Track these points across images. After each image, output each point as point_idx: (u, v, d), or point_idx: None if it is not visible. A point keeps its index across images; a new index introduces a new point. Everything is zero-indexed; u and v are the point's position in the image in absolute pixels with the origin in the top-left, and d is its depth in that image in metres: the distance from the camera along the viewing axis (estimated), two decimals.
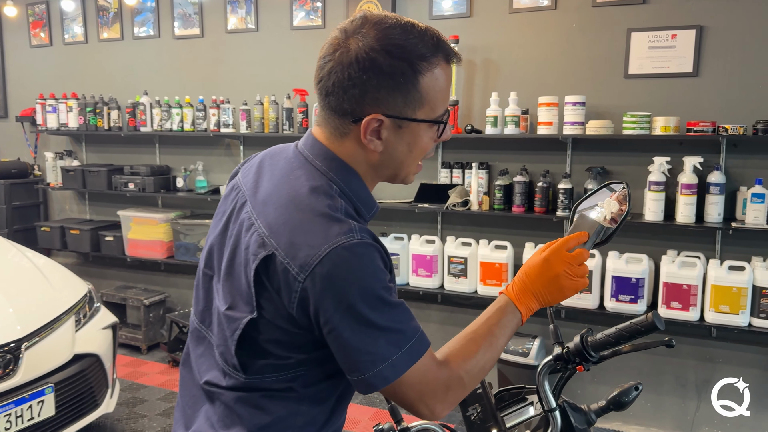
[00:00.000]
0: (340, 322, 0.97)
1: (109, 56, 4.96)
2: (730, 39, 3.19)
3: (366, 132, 1.03)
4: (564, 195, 3.41)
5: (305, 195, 1.03)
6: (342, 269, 0.96)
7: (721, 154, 3.23)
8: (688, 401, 3.45)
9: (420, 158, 1.10)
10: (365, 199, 1.09)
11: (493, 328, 1.11)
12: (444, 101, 1.06)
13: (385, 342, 0.99)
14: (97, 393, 3.12)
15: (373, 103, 1.01)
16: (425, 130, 1.06)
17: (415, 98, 1.02)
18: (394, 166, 1.09)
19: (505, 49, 3.66)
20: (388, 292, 1.00)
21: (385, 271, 1.02)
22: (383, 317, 0.98)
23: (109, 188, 4.74)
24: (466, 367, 1.07)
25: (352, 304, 0.96)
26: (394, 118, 1.03)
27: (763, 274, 3.04)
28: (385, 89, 1.00)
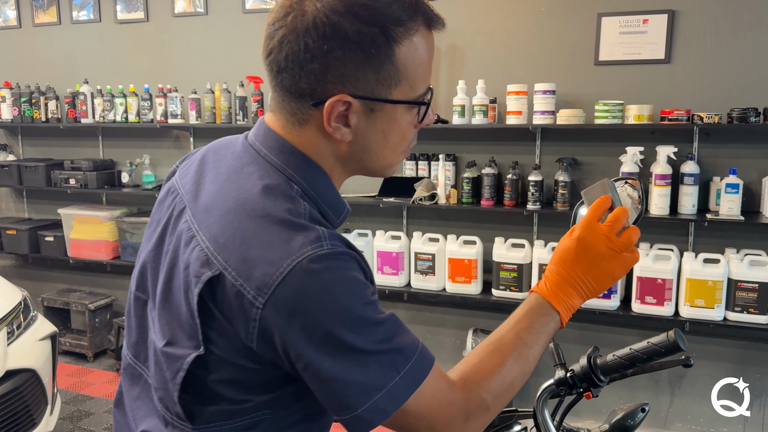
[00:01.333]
0: (316, 353, 0.77)
1: (46, 42, 4.59)
2: (702, 24, 3.09)
3: (330, 118, 0.83)
4: (534, 187, 3.27)
5: (258, 197, 0.82)
6: (312, 288, 0.77)
7: (694, 143, 3.14)
8: (661, 397, 3.37)
9: (400, 148, 0.90)
10: (333, 201, 0.89)
11: (523, 334, 0.90)
12: (425, 77, 0.86)
13: (377, 367, 0.79)
14: (34, 411, 2.84)
15: (337, 80, 0.81)
16: (403, 113, 0.86)
17: (390, 73, 0.82)
18: (367, 159, 0.89)
19: (471, 35, 3.49)
20: (372, 309, 0.81)
21: (366, 283, 0.82)
22: (371, 339, 0.79)
23: (48, 185, 4.40)
24: (489, 385, 0.86)
25: (329, 330, 0.77)
26: (364, 100, 0.82)
27: (738, 267, 2.96)
28: (352, 63, 0.80)
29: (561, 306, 0.93)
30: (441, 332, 3.79)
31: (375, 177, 0.96)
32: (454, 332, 3.75)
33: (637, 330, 3.33)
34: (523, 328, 0.91)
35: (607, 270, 0.93)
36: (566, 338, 3.48)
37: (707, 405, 3.26)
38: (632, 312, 3.13)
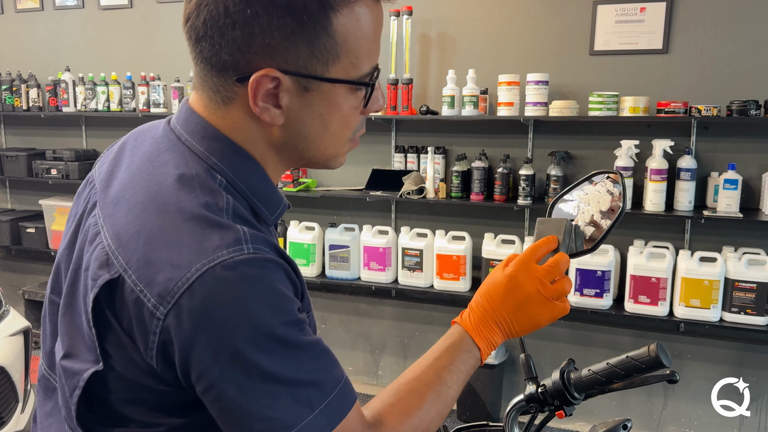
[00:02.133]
0: (221, 376, 0.66)
1: (27, 28, 4.46)
2: (702, 13, 2.96)
3: (256, 96, 0.70)
4: (525, 182, 3.15)
5: (171, 189, 0.70)
6: (223, 299, 0.65)
7: (692, 137, 3.02)
8: (654, 399, 3.27)
9: (344, 136, 0.78)
10: (266, 195, 0.77)
11: (443, 372, 0.82)
12: (371, 54, 0.74)
13: (290, 401, 0.67)
14: (4, 409, 2.74)
15: (263, 52, 0.69)
16: (345, 95, 0.74)
17: (327, 47, 0.70)
18: (305, 147, 0.77)
19: (462, 23, 3.36)
20: (295, 329, 0.69)
21: (292, 299, 0.70)
22: (287, 365, 0.67)
23: (29, 175, 4.29)
24: (405, 429, 0.77)
25: (238, 350, 0.65)
26: (296, 76, 0.71)
27: (736, 266, 2.85)
28: (281, 31, 0.68)
29: (483, 342, 0.85)
30: (429, 330, 3.68)
31: (317, 169, 0.83)
32: (442, 330, 3.63)
33: (630, 330, 3.23)
34: (443, 366, 0.82)
35: (532, 315, 0.85)
36: (557, 338, 3.38)
37: (702, 408, 3.16)
38: (625, 312, 3.03)
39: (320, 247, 3.64)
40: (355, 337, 3.86)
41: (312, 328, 0.79)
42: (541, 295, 0.84)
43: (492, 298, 0.86)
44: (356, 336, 3.86)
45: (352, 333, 3.86)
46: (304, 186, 3.67)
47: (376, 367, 3.84)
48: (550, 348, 3.38)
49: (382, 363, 3.83)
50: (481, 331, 0.85)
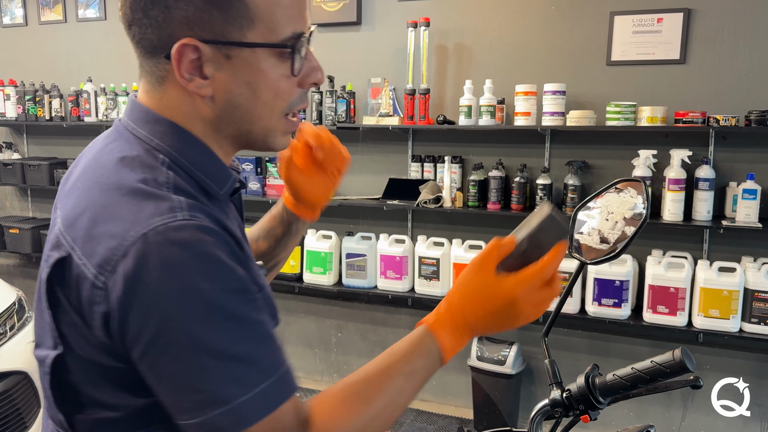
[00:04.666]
0: (152, 342, 0.66)
1: (50, 40, 4.55)
2: (719, 23, 2.97)
3: (181, 67, 0.73)
4: (542, 191, 3.16)
5: (112, 170, 0.73)
6: (153, 263, 0.65)
7: (710, 147, 3.02)
8: (673, 410, 3.25)
9: (277, 106, 0.77)
10: (211, 170, 0.78)
11: (395, 375, 0.77)
12: (289, 19, 0.75)
13: (223, 375, 0.66)
14: (26, 414, 2.77)
15: (182, 24, 0.71)
16: (268, 60, 0.74)
17: (241, 13, 0.72)
18: (240, 119, 0.77)
19: (479, 34, 3.39)
20: (234, 299, 0.68)
21: (232, 267, 0.69)
22: (222, 336, 0.66)
23: (51, 183, 4.36)
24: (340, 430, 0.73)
25: (167, 314, 0.65)
26: (215, 44, 0.72)
27: (755, 276, 2.83)
28: (196, 2, 0.71)
29: (452, 352, 0.81)
30: None
31: (261, 150, 0.82)
32: None
33: (649, 341, 3.21)
34: (397, 369, 0.78)
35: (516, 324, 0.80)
36: (575, 348, 3.37)
37: (721, 419, 3.13)
38: (643, 322, 3.01)
39: (337, 256, 3.66)
40: (372, 345, 3.87)
41: (270, 311, 0.78)
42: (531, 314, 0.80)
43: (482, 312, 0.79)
44: (373, 345, 3.87)
45: (369, 342, 3.87)
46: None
47: None
48: (568, 358, 3.37)
49: None
50: (458, 341, 0.80)
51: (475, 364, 3.32)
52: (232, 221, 0.80)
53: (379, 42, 3.59)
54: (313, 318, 4.00)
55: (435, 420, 3.55)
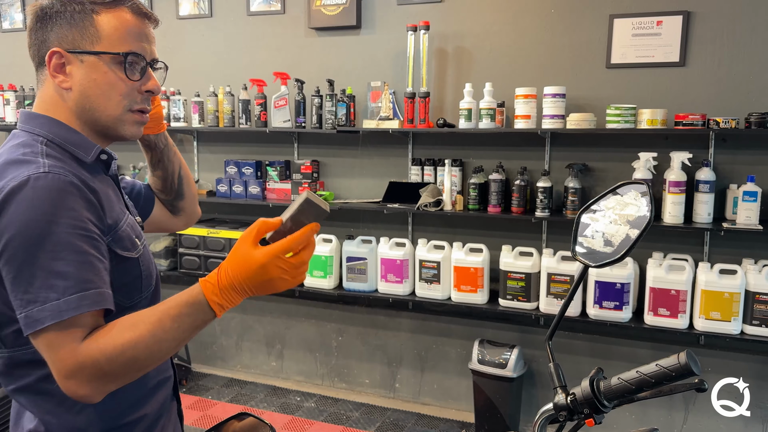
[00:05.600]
0: (2, 254, 0.94)
1: None
2: (719, 25, 2.97)
3: (50, 66, 1.06)
4: (543, 194, 3.16)
5: (7, 152, 1.04)
6: (17, 200, 0.94)
7: (710, 149, 3.02)
8: (675, 413, 3.24)
9: (119, 102, 1.09)
10: (78, 142, 1.08)
11: (165, 319, 0.96)
12: (128, 43, 1.07)
13: (43, 283, 0.93)
14: None
15: (54, 41, 1.06)
16: (109, 65, 1.07)
17: (92, 33, 1.06)
18: (90, 108, 1.08)
19: (479, 37, 3.40)
20: (69, 230, 0.95)
21: (74, 207, 0.97)
22: (50, 256, 0.93)
23: None
24: (107, 350, 0.93)
25: (14, 235, 0.93)
26: (72, 52, 1.06)
27: (756, 278, 2.83)
28: (63, 27, 1.06)
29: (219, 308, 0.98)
30: (446, 342, 3.68)
31: (115, 138, 1.12)
32: (459, 342, 3.64)
33: (650, 343, 3.21)
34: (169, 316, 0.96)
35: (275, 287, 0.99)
36: (576, 351, 3.37)
37: (723, 422, 3.13)
38: (645, 324, 3.01)
39: (337, 259, 3.66)
40: (372, 349, 3.87)
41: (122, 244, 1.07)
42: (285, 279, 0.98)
43: (240, 275, 0.97)
44: (373, 348, 3.86)
45: (369, 345, 3.87)
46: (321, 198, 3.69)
47: (393, 380, 3.84)
48: (570, 361, 3.36)
49: (399, 376, 3.83)
50: (224, 298, 0.97)
51: (477, 367, 3.32)
52: (100, 182, 1.08)
53: (378, 46, 3.60)
54: (313, 322, 4.00)
55: (436, 424, 3.54)
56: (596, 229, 0.97)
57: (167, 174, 1.42)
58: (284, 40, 3.82)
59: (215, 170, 4.12)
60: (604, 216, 0.99)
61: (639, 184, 0.98)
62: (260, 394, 3.92)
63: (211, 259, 3.85)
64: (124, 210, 1.14)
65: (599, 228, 0.98)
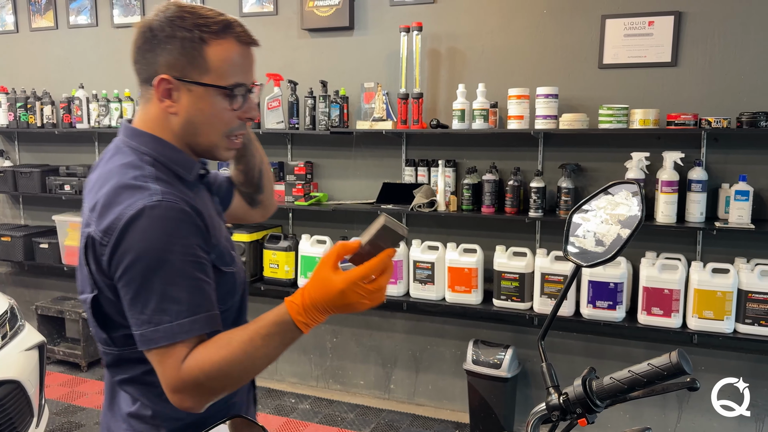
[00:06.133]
0: (121, 277, 1.02)
1: (42, 47, 4.54)
2: (710, 25, 2.99)
3: (158, 91, 1.09)
4: (536, 194, 3.17)
5: (117, 173, 1.09)
6: (134, 228, 1.01)
7: (702, 148, 3.03)
8: (668, 412, 3.25)
9: (218, 129, 1.12)
10: (181, 162, 1.14)
11: (256, 337, 1.02)
12: (235, 74, 1.10)
13: (157, 307, 1.00)
14: (18, 423, 2.74)
15: (163, 65, 1.08)
16: (215, 97, 1.10)
17: (201, 64, 1.08)
18: (194, 133, 1.12)
19: (471, 38, 3.40)
20: (182, 258, 1.01)
21: (189, 237, 1.03)
22: (165, 281, 1.00)
23: (42, 191, 4.34)
24: (205, 368, 1.00)
25: (133, 261, 1.00)
26: (180, 80, 1.08)
27: (749, 277, 2.84)
28: (173, 53, 1.07)
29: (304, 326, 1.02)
30: (441, 343, 3.68)
31: (207, 158, 1.18)
32: (454, 343, 3.64)
33: (644, 342, 3.22)
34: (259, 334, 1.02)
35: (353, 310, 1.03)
36: (570, 350, 3.37)
37: (717, 420, 3.14)
38: (638, 324, 3.02)
39: None
40: (367, 350, 3.86)
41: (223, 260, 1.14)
42: (363, 303, 1.01)
43: (321, 299, 1.01)
44: (368, 350, 3.86)
45: (364, 347, 3.87)
46: (315, 200, 3.69)
47: (387, 380, 3.84)
48: (564, 360, 3.37)
49: (394, 377, 3.82)
50: (308, 317, 1.02)
51: (471, 368, 3.32)
52: (201, 199, 1.16)
53: (371, 47, 3.60)
54: None
55: (431, 424, 3.54)
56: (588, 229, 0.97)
57: (249, 168, 1.43)
58: (277, 41, 3.82)
59: None
60: (596, 216, 0.99)
61: (630, 184, 0.98)
62: None
63: None
64: (221, 222, 1.23)
65: (590, 228, 0.98)
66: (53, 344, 4.39)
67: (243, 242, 3.70)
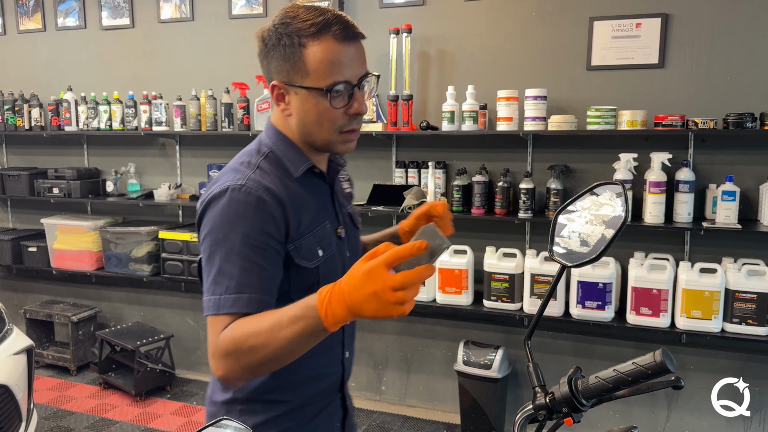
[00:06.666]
0: (200, 244, 1.15)
1: (30, 49, 4.51)
2: (697, 28, 3.01)
3: (273, 96, 1.21)
4: (525, 195, 3.18)
5: (236, 156, 1.24)
6: (215, 204, 1.13)
7: (689, 149, 3.05)
8: (658, 410, 3.27)
9: (328, 126, 1.18)
10: (291, 158, 1.22)
11: (283, 319, 1.02)
12: (332, 74, 1.14)
13: (214, 279, 1.10)
14: (7, 428, 2.73)
15: (274, 71, 1.18)
16: (317, 97, 1.15)
17: (301, 67, 1.14)
18: (306, 132, 1.20)
19: (461, 40, 3.41)
20: (244, 240, 1.09)
21: (259, 223, 1.11)
22: (224, 258, 1.09)
23: (31, 194, 4.31)
24: (235, 336, 1.05)
25: (207, 233, 1.12)
26: (288, 85, 1.17)
27: (736, 277, 2.87)
28: (279, 60, 1.16)
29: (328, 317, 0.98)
30: (431, 344, 3.69)
31: (325, 152, 1.25)
32: (445, 344, 3.65)
33: (633, 342, 3.24)
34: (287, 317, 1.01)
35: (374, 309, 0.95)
36: (560, 350, 3.39)
37: (705, 419, 3.16)
38: (627, 324, 3.04)
39: None
40: (358, 352, 3.86)
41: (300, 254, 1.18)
42: (382, 297, 0.93)
43: (349, 284, 0.96)
44: (359, 351, 3.86)
45: (355, 348, 3.85)
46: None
47: (379, 382, 3.84)
48: (553, 360, 3.38)
49: (385, 378, 3.82)
50: (330, 305, 0.98)
51: (462, 368, 3.33)
52: (306, 192, 1.22)
53: None
54: None
55: (422, 425, 3.54)
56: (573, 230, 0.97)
57: None
58: None
59: (198, 174, 4.09)
60: (580, 216, 0.99)
61: (614, 185, 0.99)
62: None
63: (194, 264, 3.82)
64: (325, 219, 1.25)
65: (575, 228, 0.98)
66: (42, 348, 4.37)
67: None
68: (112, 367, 4.07)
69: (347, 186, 1.45)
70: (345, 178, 1.45)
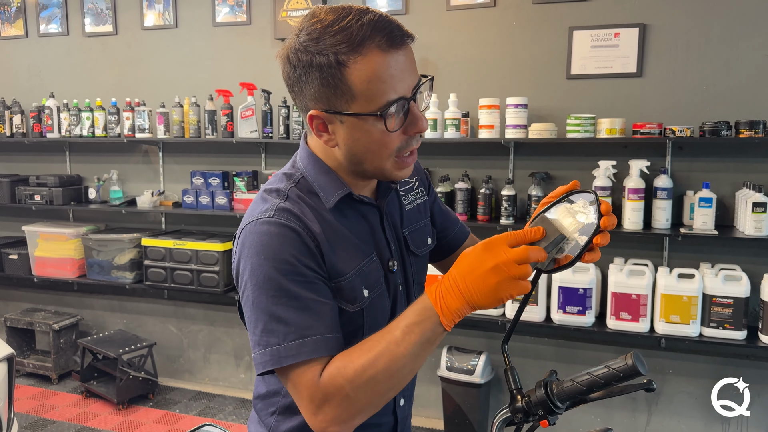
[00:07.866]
0: (242, 292, 1.01)
1: (11, 55, 4.48)
2: (673, 38, 3.08)
3: (312, 128, 1.02)
4: (507, 202, 3.22)
5: (274, 176, 1.12)
6: (247, 243, 1.00)
7: (667, 157, 3.11)
8: (638, 414, 3.31)
9: (384, 153, 1.01)
10: (323, 186, 1.07)
11: (396, 330, 0.92)
12: (384, 92, 0.95)
13: (264, 328, 0.96)
14: None
15: (310, 98, 1.00)
16: (370, 123, 0.97)
17: (344, 91, 0.96)
18: (357, 161, 1.04)
19: (443, 49, 3.45)
20: (287, 276, 0.96)
21: (294, 255, 0.97)
22: (270, 301, 0.96)
23: (12, 201, 4.27)
24: (348, 374, 0.92)
25: (247, 279, 0.98)
26: (330, 113, 0.99)
27: (713, 282, 2.92)
28: (315, 85, 0.97)
29: (444, 310, 0.91)
30: None
31: (381, 179, 1.10)
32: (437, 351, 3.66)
33: (613, 347, 3.28)
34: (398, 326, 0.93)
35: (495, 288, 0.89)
36: (541, 355, 3.42)
37: (684, 422, 3.21)
38: (607, 329, 3.08)
39: None
40: None
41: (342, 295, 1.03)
42: (504, 270, 0.88)
43: (460, 267, 0.91)
44: None
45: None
46: None
47: None
48: (535, 366, 3.42)
49: None
50: (443, 298, 0.90)
51: (445, 374, 3.35)
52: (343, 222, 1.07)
53: None
54: None
55: None
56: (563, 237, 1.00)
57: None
58: (250, 50, 3.83)
59: (181, 181, 4.09)
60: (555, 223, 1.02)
61: (587, 193, 1.01)
62: (229, 407, 3.88)
63: (177, 271, 3.81)
64: (372, 251, 1.10)
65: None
66: (23, 357, 4.32)
67: (216, 251, 3.69)
68: (94, 375, 4.04)
69: (413, 197, 1.25)
70: (410, 187, 1.25)
